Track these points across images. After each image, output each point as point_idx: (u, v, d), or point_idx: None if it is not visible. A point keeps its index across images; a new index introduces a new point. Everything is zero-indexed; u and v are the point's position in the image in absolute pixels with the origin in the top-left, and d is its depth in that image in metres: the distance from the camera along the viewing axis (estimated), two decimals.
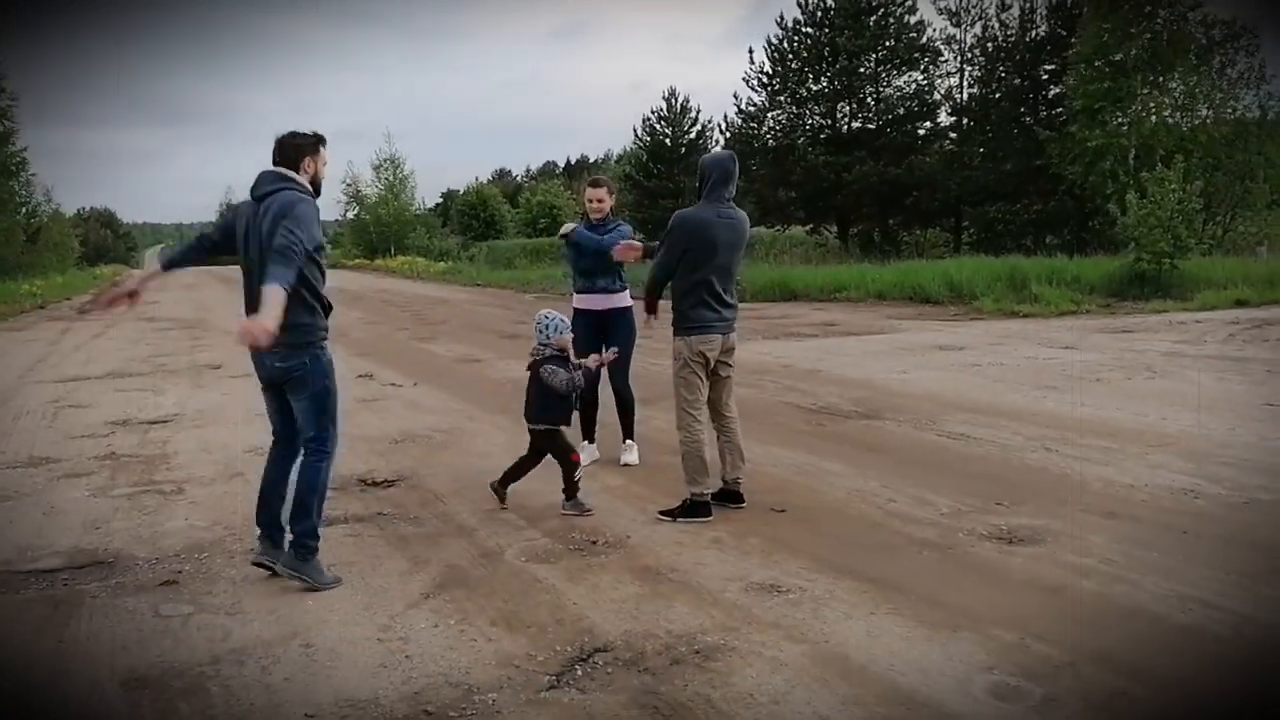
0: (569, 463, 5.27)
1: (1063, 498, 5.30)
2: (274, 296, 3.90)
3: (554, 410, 5.27)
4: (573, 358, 5.39)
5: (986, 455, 6.33)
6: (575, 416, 5.55)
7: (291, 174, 4.33)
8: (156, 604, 4.13)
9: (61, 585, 4.40)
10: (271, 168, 4.35)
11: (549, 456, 5.34)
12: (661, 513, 5.16)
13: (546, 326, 5.30)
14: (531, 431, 5.35)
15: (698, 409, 5.17)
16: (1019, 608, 3.84)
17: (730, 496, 5.29)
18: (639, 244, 5.87)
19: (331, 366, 4.36)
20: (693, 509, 5.10)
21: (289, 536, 4.37)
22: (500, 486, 5.42)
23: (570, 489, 5.29)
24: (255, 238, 4.23)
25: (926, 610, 3.83)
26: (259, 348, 4.00)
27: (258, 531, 4.50)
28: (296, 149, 4.37)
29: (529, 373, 5.32)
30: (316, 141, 4.43)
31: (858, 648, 3.52)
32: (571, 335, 5.40)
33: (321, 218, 4.42)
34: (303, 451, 4.42)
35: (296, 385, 4.30)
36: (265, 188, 4.29)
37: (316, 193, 4.42)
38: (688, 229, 5.08)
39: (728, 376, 5.30)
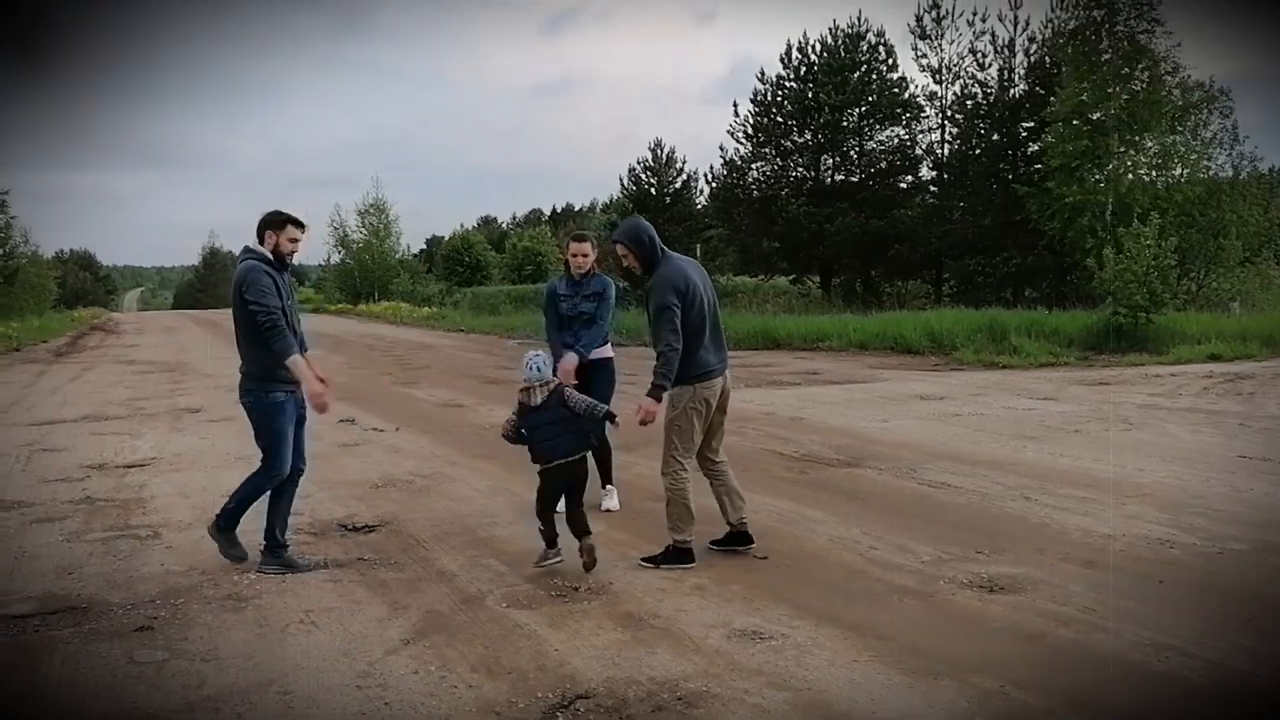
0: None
1: (1042, 546, 5.33)
2: (295, 366, 5.05)
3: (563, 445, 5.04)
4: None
5: (967, 504, 6.37)
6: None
7: (255, 246, 5.24)
8: (130, 650, 4.07)
9: (33, 631, 4.33)
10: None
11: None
12: (644, 559, 5.14)
13: (540, 364, 5.10)
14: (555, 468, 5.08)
15: (687, 458, 5.13)
16: (999, 655, 3.85)
17: (740, 538, 5.26)
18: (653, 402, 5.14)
19: (272, 408, 5.18)
20: (676, 556, 5.09)
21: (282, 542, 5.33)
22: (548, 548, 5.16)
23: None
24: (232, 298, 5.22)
25: (908, 658, 3.83)
26: (325, 409, 5.23)
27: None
28: (262, 224, 5.26)
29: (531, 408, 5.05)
30: (283, 220, 5.26)
31: (840, 695, 3.52)
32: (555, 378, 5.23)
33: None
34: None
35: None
36: (238, 257, 5.34)
37: (279, 263, 5.24)
38: (675, 283, 5.00)
39: (721, 422, 5.29)
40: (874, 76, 32.92)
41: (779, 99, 33.92)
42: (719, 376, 5.17)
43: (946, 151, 32.42)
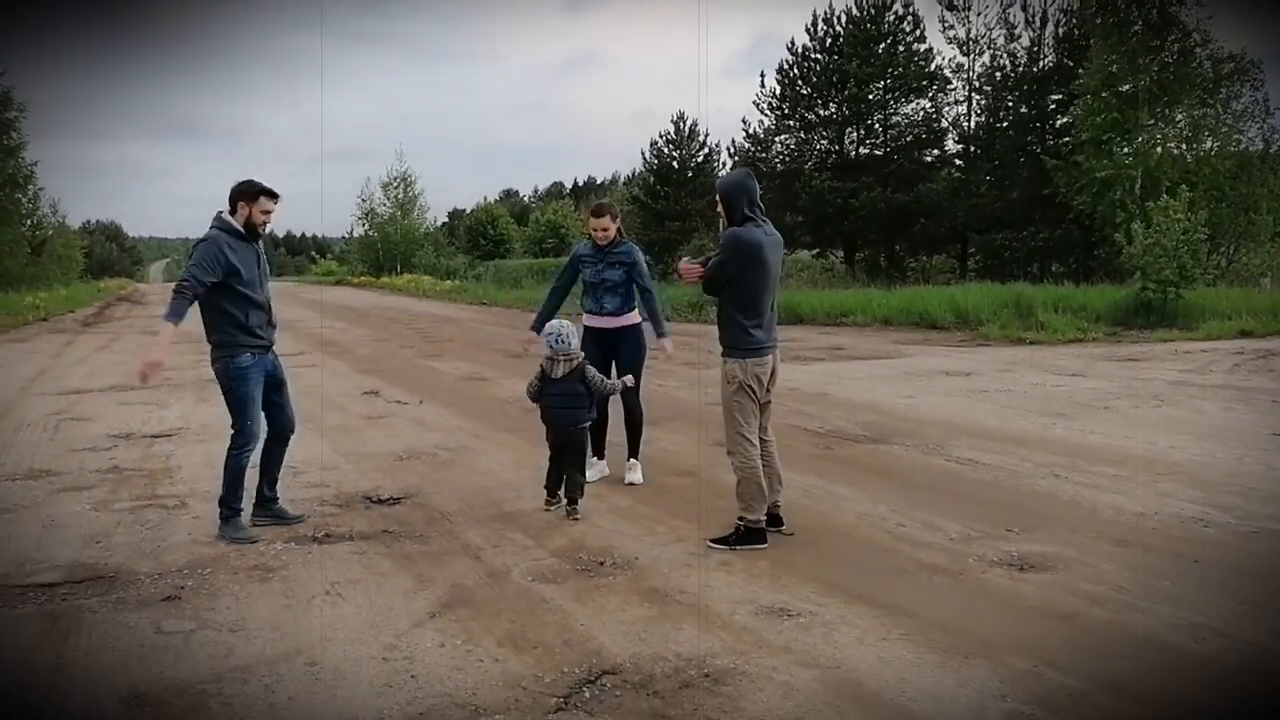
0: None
1: (1073, 525, 5.25)
2: (162, 331, 4.94)
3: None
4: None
5: (996, 481, 6.29)
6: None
7: (225, 215, 5.14)
8: (158, 620, 4.08)
9: (60, 600, 4.35)
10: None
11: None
12: (712, 541, 5.00)
13: (565, 337, 5.69)
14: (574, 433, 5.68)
15: (752, 433, 5.03)
16: (1031, 635, 3.79)
17: (770, 520, 5.15)
18: (699, 265, 5.20)
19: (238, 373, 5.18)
20: (748, 536, 4.97)
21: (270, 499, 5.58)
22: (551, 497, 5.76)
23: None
24: None
25: (939, 636, 3.78)
26: (147, 380, 4.93)
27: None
28: (236, 194, 5.14)
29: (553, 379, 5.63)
30: (255, 191, 5.12)
31: (870, 674, 3.47)
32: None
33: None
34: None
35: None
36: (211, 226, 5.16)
37: (251, 234, 5.16)
38: (744, 249, 4.95)
39: (769, 400, 5.19)
40: (900, 48, 32.46)
41: (805, 71, 33.53)
42: (769, 354, 5.09)
43: (973, 124, 31.97)
